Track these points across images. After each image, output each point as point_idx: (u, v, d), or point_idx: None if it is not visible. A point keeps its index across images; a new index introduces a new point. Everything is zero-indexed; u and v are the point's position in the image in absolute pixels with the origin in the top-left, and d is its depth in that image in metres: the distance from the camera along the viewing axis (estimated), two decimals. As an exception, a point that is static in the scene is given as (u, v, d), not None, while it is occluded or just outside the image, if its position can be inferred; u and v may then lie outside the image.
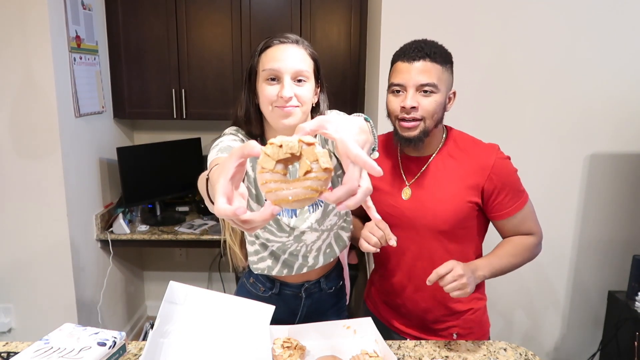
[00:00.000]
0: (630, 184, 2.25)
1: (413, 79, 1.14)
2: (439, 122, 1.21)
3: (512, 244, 1.26)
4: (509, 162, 1.24)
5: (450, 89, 1.20)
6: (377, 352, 1.12)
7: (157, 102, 2.70)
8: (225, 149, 1.04)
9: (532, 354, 1.21)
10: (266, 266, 1.25)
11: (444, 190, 1.22)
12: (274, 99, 1.03)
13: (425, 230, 1.24)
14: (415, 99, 1.15)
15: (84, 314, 2.41)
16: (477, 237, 1.29)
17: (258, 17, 2.62)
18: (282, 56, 1.04)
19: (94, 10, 2.47)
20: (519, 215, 1.24)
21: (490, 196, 1.21)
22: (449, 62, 1.18)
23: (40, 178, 2.21)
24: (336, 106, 1.20)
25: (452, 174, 1.22)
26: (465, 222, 1.24)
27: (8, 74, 2.11)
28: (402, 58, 1.17)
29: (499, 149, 1.24)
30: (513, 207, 1.23)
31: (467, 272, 1.11)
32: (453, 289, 1.09)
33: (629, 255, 2.21)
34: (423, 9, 2.11)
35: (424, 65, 1.14)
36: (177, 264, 3.22)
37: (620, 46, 2.12)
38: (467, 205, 1.21)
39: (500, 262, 1.22)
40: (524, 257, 1.27)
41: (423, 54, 1.14)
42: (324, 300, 1.33)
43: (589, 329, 2.41)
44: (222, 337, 1.08)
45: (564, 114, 2.19)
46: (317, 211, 1.15)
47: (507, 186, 1.21)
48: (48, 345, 1.06)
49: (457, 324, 1.32)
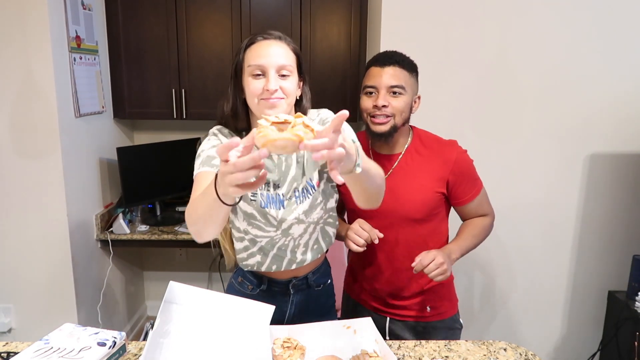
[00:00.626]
0: (630, 184, 2.25)
1: (384, 82, 1.32)
2: (406, 121, 1.38)
3: (473, 225, 1.45)
4: (467, 155, 1.42)
5: (415, 93, 1.39)
6: (377, 352, 1.12)
7: (157, 102, 2.70)
8: (206, 161, 1.10)
9: (532, 354, 1.21)
10: (256, 262, 1.27)
11: (414, 183, 1.38)
12: (260, 92, 1.09)
13: (401, 219, 1.40)
14: (386, 99, 1.32)
15: (84, 314, 2.41)
16: (443, 221, 1.47)
17: (258, 17, 2.62)
18: (266, 52, 1.09)
19: (94, 10, 2.47)
20: (476, 201, 1.43)
21: (454, 186, 1.39)
22: (414, 71, 1.37)
23: (40, 178, 2.21)
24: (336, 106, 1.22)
25: (420, 168, 1.39)
26: (434, 209, 1.41)
27: (8, 74, 2.11)
28: (375, 64, 1.35)
29: (457, 144, 1.41)
30: (472, 193, 1.42)
31: (445, 258, 1.27)
32: (436, 275, 1.25)
33: (629, 255, 2.22)
34: (423, 9, 2.11)
35: (394, 70, 1.32)
36: (177, 264, 3.22)
37: (620, 46, 2.12)
38: (435, 195, 1.38)
39: (466, 244, 1.40)
40: (484, 235, 1.46)
41: (393, 60, 1.33)
42: (312, 298, 1.35)
43: (589, 329, 2.41)
44: (222, 337, 1.08)
45: (564, 114, 2.19)
46: (305, 202, 1.18)
47: (467, 176, 1.40)
48: (48, 345, 1.06)
49: (429, 297, 1.47)
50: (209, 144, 1.16)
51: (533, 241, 2.33)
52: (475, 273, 2.39)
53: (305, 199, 1.18)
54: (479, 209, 1.46)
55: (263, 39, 1.11)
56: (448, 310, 1.51)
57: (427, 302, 1.47)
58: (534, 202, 2.29)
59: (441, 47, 2.15)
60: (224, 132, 1.20)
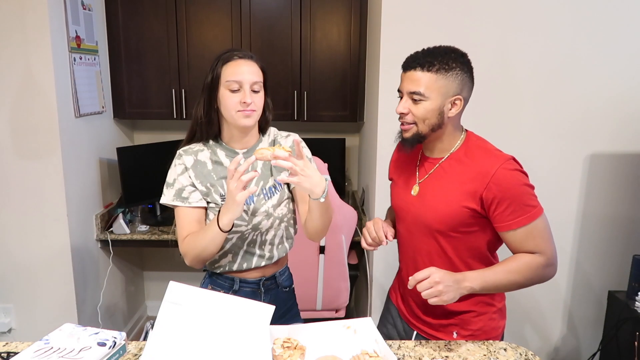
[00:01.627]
0: (630, 184, 2.25)
1: (405, 87, 1.24)
2: (436, 127, 1.24)
3: (514, 260, 1.24)
4: (516, 173, 1.22)
5: (450, 95, 1.22)
6: (377, 352, 1.12)
7: (157, 102, 2.70)
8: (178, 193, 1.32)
9: (532, 354, 1.21)
10: (227, 262, 1.38)
11: (444, 192, 1.26)
12: (237, 105, 1.25)
13: (425, 227, 1.30)
14: (407, 106, 1.24)
15: (84, 314, 2.41)
16: (478, 244, 1.29)
17: (258, 17, 2.62)
18: (242, 70, 1.26)
19: (94, 10, 2.47)
20: (522, 231, 1.21)
21: (490, 205, 1.21)
22: (452, 69, 1.21)
23: (40, 178, 2.21)
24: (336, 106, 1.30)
25: (454, 178, 1.25)
26: (461, 226, 1.25)
27: (8, 74, 2.11)
28: (403, 67, 1.27)
29: (509, 160, 1.23)
30: (515, 220, 1.20)
31: (447, 281, 1.12)
32: (428, 295, 1.11)
33: (629, 255, 2.21)
34: (423, 10, 2.11)
35: (414, 75, 1.22)
36: (177, 264, 3.22)
37: (620, 46, 2.12)
38: (462, 210, 1.23)
39: (495, 277, 1.20)
40: (525, 275, 1.22)
41: (416, 64, 1.22)
42: (281, 300, 1.45)
43: (589, 329, 2.41)
44: (222, 337, 1.08)
45: (564, 114, 2.19)
46: (273, 198, 1.35)
47: (509, 198, 1.19)
48: (48, 345, 1.06)
49: (456, 322, 1.33)
50: (176, 172, 1.34)
51: (533, 241, 2.33)
52: (475, 273, 2.39)
53: (273, 195, 1.35)
54: (527, 242, 1.21)
55: (239, 57, 1.27)
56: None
57: (453, 327, 1.33)
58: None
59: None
60: (189, 151, 1.35)
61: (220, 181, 1.33)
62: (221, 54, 1.29)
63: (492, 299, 1.35)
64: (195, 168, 1.33)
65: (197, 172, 1.32)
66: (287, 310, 1.49)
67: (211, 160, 1.34)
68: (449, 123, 1.26)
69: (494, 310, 1.35)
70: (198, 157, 1.34)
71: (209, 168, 1.33)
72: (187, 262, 1.32)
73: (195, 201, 1.32)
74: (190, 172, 1.32)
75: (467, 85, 1.26)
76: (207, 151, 1.35)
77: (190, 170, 1.32)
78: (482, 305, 1.33)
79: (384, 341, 1.13)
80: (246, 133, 1.33)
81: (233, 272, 1.39)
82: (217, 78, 1.27)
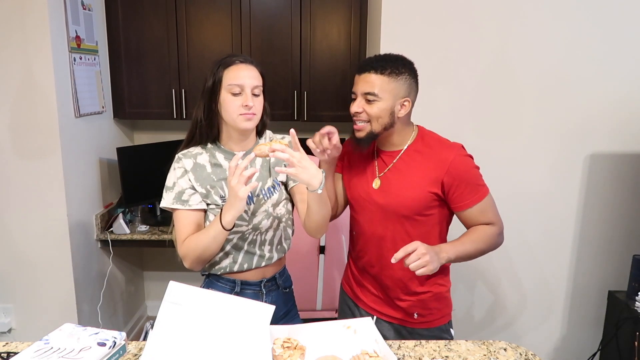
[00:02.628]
0: (630, 184, 2.25)
1: (360, 88, 1.35)
2: (388, 126, 1.36)
3: (474, 231, 1.39)
4: (468, 159, 1.39)
5: (400, 97, 1.34)
6: (377, 352, 1.12)
7: (157, 102, 2.70)
8: (178, 196, 1.32)
9: (532, 354, 1.21)
10: (228, 263, 1.39)
11: (408, 180, 1.38)
12: (239, 109, 1.28)
13: (390, 214, 1.40)
14: (361, 105, 1.35)
15: (84, 314, 2.41)
16: (438, 225, 1.43)
17: (258, 17, 2.62)
18: (244, 74, 1.29)
19: (94, 10, 2.47)
20: (477, 207, 1.38)
21: (450, 189, 1.36)
22: (401, 73, 1.33)
23: (40, 178, 2.21)
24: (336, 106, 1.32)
25: (417, 166, 1.38)
26: (425, 210, 1.39)
27: (8, 74, 2.11)
28: (357, 70, 1.38)
29: (460, 148, 1.39)
30: (471, 199, 1.37)
31: (430, 252, 1.22)
32: (417, 267, 1.20)
33: (629, 255, 2.22)
34: (422, 9, 2.11)
35: (369, 77, 1.33)
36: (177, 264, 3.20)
37: (621, 46, 2.12)
38: (427, 195, 1.37)
39: (463, 247, 1.34)
40: (486, 243, 1.38)
41: (370, 67, 1.33)
42: (281, 301, 1.47)
43: (589, 329, 2.41)
44: (222, 337, 1.08)
45: (564, 114, 2.19)
46: (272, 197, 1.37)
47: (465, 180, 1.35)
48: (48, 346, 1.06)
49: (416, 304, 1.46)
50: (176, 175, 1.34)
51: (533, 241, 2.33)
52: (475, 274, 2.39)
53: (272, 194, 1.38)
54: (481, 216, 1.39)
55: (240, 62, 1.30)
56: (437, 319, 1.48)
57: (414, 308, 1.46)
58: (534, 202, 2.29)
59: (441, 47, 2.15)
60: (188, 154, 1.36)
61: (220, 182, 1.34)
62: (222, 58, 1.32)
63: (442, 280, 1.50)
64: (194, 171, 1.34)
65: (197, 175, 1.34)
66: (287, 312, 1.50)
67: (210, 163, 1.35)
68: (398, 122, 1.38)
69: (445, 290, 1.50)
70: (197, 160, 1.35)
71: (208, 171, 1.35)
72: (186, 264, 1.33)
73: (195, 204, 1.33)
74: (190, 175, 1.33)
75: (414, 90, 1.38)
76: (206, 154, 1.36)
77: (190, 173, 1.33)
78: (437, 286, 1.47)
79: (384, 341, 1.13)
80: (245, 136, 1.36)
81: (234, 273, 1.40)
82: (219, 82, 1.29)
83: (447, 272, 1.52)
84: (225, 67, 1.30)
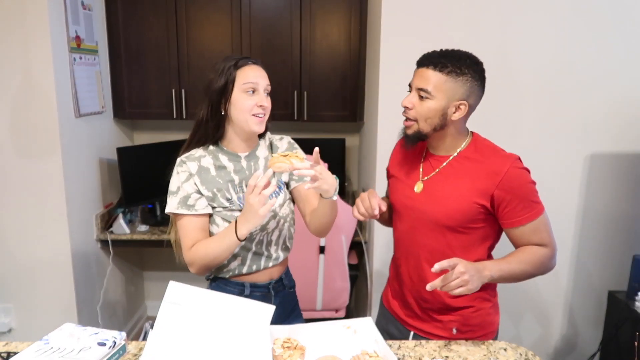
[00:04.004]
0: (630, 184, 2.25)
1: (415, 83, 1.27)
2: (438, 127, 1.27)
3: (523, 251, 1.28)
4: (524, 172, 1.27)
5: (456, 99, 1.24)
6: (377, 352, 1.12)
7: (157, 102, 2.70)
8: (183, 201, 1.30)
9: (532, 354, 1.21)
10: (237, 265, 1.37)
11: (453, 188, 1.28)
12: (253, 108, 1.29)
13: (431, 223, 1.31)
14: (412, 101, 1.27)
15: (84, 314, 2.41)
16: (483, 241, 1.32)
17: (258, 17, 2.62)
18: (257, 74, 1.31)
19: (94, 10, 2.47)
20: (529, 226, 1.26)
21: (501, 203, 1.25)
22: (463, 74, 1.24)
23: (40, 178, 2.21)
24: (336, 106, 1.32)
25: (465, 175, 1.28)
26: (470, 222, 1.28)
27: (8, 74, 2.11)
28: (417, 63, 1.30)
29: (517, 160, 1.27)
30: (524, 217, 1.25)
31: (471, 270, 1.13)
32: (454, 286, 1.11)
33: (629, 255, 2.21)
34: (423, 9, 2.11)
35: (426, 72, 1.25)
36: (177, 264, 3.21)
37: (621, 46, 2.12)
38: (473, 206, 1.26)
39: (509, 267, 1.24)
40: (535, 265, 1.27)
41: (429, 62, 1.25)
42: (287, 301, 1.47)
43: (589, 329, 2.41)
44: (222, 337, 1.08)
45: (564, 114, 2.19)
46: (279, 197, 1.38)
47: (519, 196, 1.24)
48: (48, 346, 1.06)
49: (456, 319, 1.35)
50: (180, 179, 1.32)
51: (533, 241, 2.33)
52: (475, 273, 2.39)
53: (277, 195, 1.38)
54: (533, 236, 1.26)
55: (252, 63, 1.32)
56: (478, 337, 1.35)
57: (453, 323, 1.35)
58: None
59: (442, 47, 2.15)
60: (191, 157, 1.35)
61: (226, 184, 1.33)
62: (234, 60, 1.31)
63: (488, 295, 1.38)
64: (200, 174, 1.32)
65: (202, 178, 1.32)
66: (291, 310, 1.50)
67: (214, 166, 1.34)
68: (451, 125, 1.28)
69: (490, 305, 1.39)
70: (201, 163, 1.33)
71: (213, 174, 1.33)
72: (193, 270, 1.33)
73: (201, 208, 1.31)
74: (195, 179, 1.32)
75: (475, 93, 1.27)
76: (209, 157, 1.35)
77: (195, 176, 1.32)
78: (480, 301, 1.35)
79: (384, 341, 1.13)
80: (251, 137, 1.37)
81: (242, 275, 1.39)
82: (232, 81, 1.29)
83: (493, 285, 1.41)
84: (238, 68, 1.30)
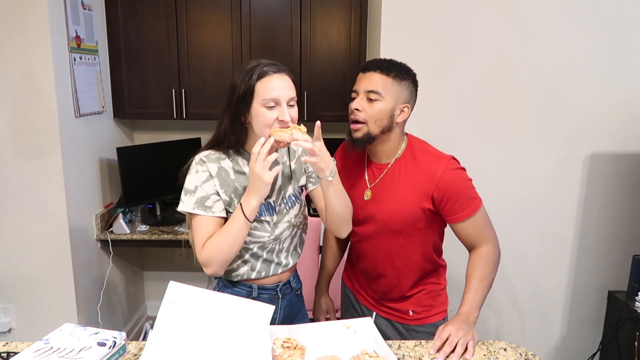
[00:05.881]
0: (630, 184, 2.25)
1: (363, 86, 1.34)
2: (385, 130, 1.34)
3: (475, 268, 1.36)
4: (458, 172, 1.35)
5: (401, 102, 1.34)
6: (377, 352, 1.12)
7: (157, 102, 2.70)
8: (200, 202, 1.24)
9: (532, 354, 1.21)
10: (245, 270, 1.35)
11: (397, 194, 1.37)
12: (272, 122, 1.21)
13: (383, 227, 1.40)
14: (361, 104, 1.34)
15: (84, 314, 2.41)
16: (432, 237, 1.43)
17: (258, 17, 2.62)
18: (279, 85, 1.22)
19: (94, 10, 2.47)
20: (469, 221, 1.36)
21: (440, 202, 1.34)
22: (405, 79, 1.34)
23: (40, 178, 2.21)
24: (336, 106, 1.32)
25: (406, 181, 1.37)
26: (416, 223, 1.38)
27: (8, 74, 2.11)
28: (362, 69, 1.37)
29: (450, 160, 1.35)
30: (462, 213, 1.35)
31: (462, 326, 1.21)
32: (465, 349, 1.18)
33: (629, 255, 2.22)
34: (423, 9, 2.11)
35: (373, 76, 1.33)
36: (177, 264, 3.22)
37: (621, 47, 2.12)
38: (418, 210, 1.36)
39: (477, 295, 1.32)
40: (491, 272, 1.37)
41: (375, 67, 1.33)
42: (294, 303, 1.47)
43: (589, 329, 2.41)
44: (222, 337, 1.08)
45: (564, 114, 2.19)
46: (295, 207, 1.36)
47: (455, 194, 1.33)
48: (48, 345, 1.06)
49: (412, 302, 1.49)
50: (199, 179, 1.26)
51: (533, 241, 2.33)
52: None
53: (294, 204, 1.36)
54: (474, 229, 1.36)
55: (274, 72, 1.23)
56: (432, 316, 1.50)
57: (410, 307, 1.49)
58: (534, 202, 2.29)
59: (441, 47, 2.15)
60: (211, 158, 1.28)
61: (244, 191, 1.28)
62: (254, 66, 1.24)
63: (437, 279, 1.52)
64: (219, 176, 1.27)
65: (222, 181, 1.28)
66: (297, 312, 1.50)
67: (233, 170, 1.29)
68: (396, 127, 1.36)
69: (441, 288, 1.52)
70: (221, 165, 1.29)
71: (232, 177, 1.29)
72: (210, 270, 1.24)
73: (218, 211, 1.26)
74: (215, 181, 1.27)
75: (413, 98, 1.38)
76: (228, 160, 1.30)
77: (215, 178, 1.27)
78: (431, 285, 1.49)
79: (384, 341, 1.13)
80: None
81: (251, 280, 1.37)
82: (251, 93, 1.22)
83: (441, 271, 1.53)
84: (259, 78, 1.22)
